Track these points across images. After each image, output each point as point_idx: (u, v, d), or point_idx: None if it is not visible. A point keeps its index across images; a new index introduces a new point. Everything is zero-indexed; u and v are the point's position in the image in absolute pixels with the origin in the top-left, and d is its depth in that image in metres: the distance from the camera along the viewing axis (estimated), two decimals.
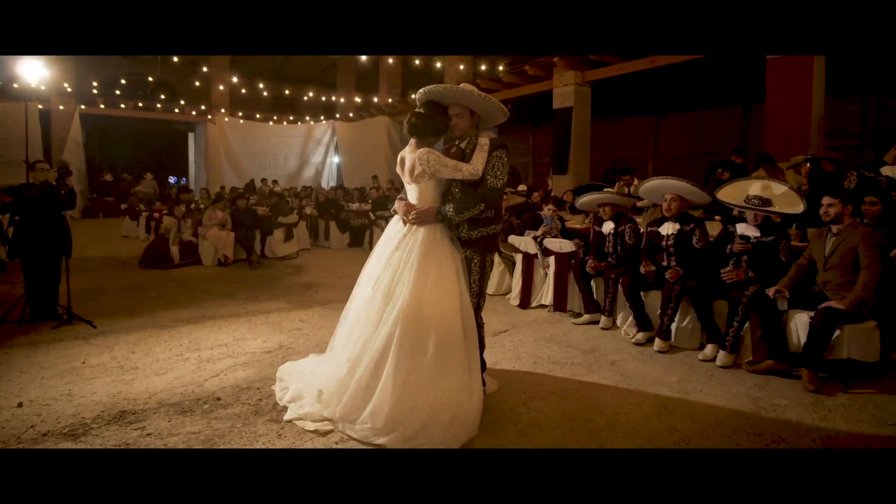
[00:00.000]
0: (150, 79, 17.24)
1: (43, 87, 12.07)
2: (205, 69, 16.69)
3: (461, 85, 2.84)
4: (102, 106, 16.36)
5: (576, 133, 9.51)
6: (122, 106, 16.67)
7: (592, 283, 4.70)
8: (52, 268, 4.56)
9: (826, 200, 3.40)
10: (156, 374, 3.30)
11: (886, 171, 4.31)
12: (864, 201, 3.57)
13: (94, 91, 15.77)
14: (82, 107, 15.47)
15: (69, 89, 14.83)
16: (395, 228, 2.86)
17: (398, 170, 2.88)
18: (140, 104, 16.93)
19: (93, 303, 5.14)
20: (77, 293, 5.10)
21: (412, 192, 2.79)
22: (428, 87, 2.78)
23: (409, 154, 2.77)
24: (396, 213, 2.88)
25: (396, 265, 2.67)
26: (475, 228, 2.77)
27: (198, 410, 2.78)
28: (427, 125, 2.73)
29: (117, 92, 16.65)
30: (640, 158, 11.95)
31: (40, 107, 13.47)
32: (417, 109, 2.79)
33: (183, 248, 7.66)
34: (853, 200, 3.37)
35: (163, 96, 17.45)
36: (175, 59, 15.44)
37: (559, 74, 9.53)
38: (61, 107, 14.85)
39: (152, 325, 4.42)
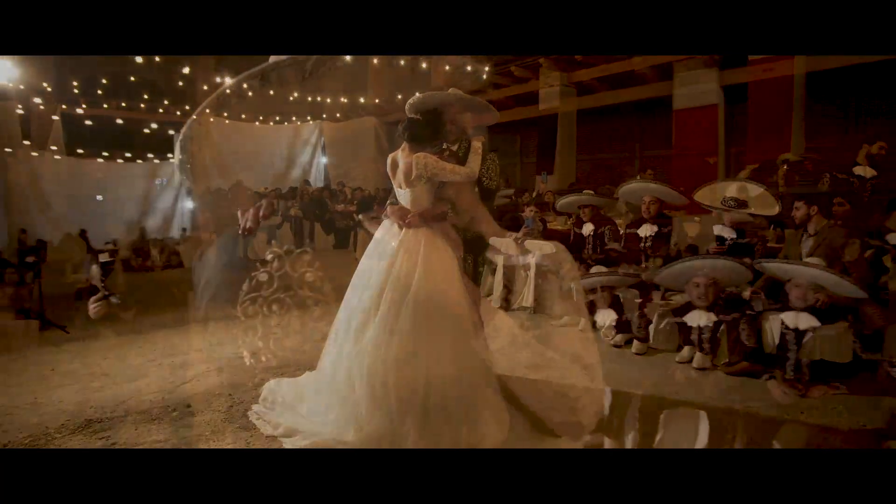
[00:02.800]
0: (132, 78, 16.95)
1: (21, 87, 11.85)
2: (187, 70, 16.46)
3: (450, 90, 2.83)
4: (84, 105, 16.08)
5: (562, 133, 9.53)
6: (105, 106, 16.39)
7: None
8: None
9: (795, 204, 3.46)
10: (126, 381, 3.24)
11: (858, 170, 4.37)
12: (833, 202, 3.63)
13: (75, 91, 15.49)
14: (63, 107, 15.19)
15: (48, 88, 14.56)
16: (389, 232, 2.75)
17: (389, 174, 2.81)
18: (122, 104, 16.64)
19: (71, 307, 5.04)
20: (57, 297, 5.03)
21: (404, 196, 2.73)
22: (420, 95, 2.78)
23: (403, 159, 2.71)
24: (386, 218, 2.80)
25: (398, 268, 2.57)
26: (469, 229, 2.82)
27: (166, 418, 2.73)
28: (425, 132, 2.70)
29: (98, 92, 16.37)
30: (626, 159, 11.99)
31: (19, 107, 13.20)
32: (414, 116, 2.73)
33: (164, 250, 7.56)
34: (819, 202, 3.42)
35: (145, 96, 17.18)
36: (157, 58, 15.21)
37: (545, 75, 9.55)
38: (41, 106, 14.57)
39: (128, 331, 4.34)
